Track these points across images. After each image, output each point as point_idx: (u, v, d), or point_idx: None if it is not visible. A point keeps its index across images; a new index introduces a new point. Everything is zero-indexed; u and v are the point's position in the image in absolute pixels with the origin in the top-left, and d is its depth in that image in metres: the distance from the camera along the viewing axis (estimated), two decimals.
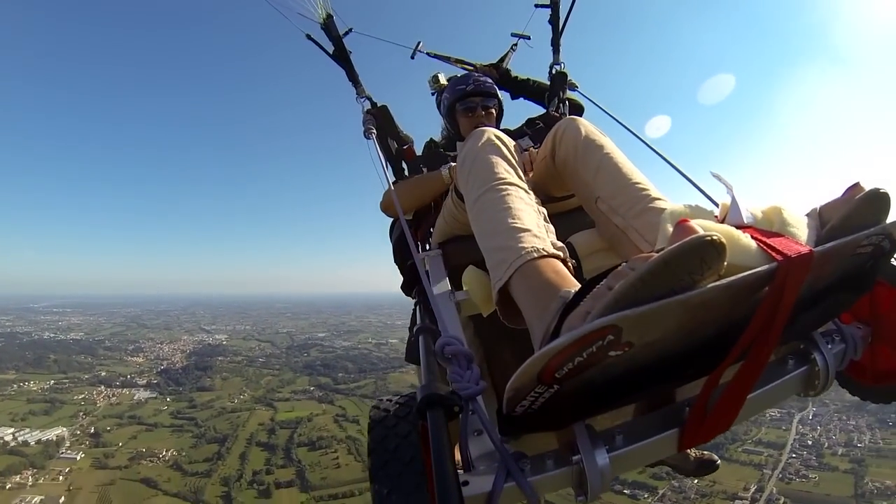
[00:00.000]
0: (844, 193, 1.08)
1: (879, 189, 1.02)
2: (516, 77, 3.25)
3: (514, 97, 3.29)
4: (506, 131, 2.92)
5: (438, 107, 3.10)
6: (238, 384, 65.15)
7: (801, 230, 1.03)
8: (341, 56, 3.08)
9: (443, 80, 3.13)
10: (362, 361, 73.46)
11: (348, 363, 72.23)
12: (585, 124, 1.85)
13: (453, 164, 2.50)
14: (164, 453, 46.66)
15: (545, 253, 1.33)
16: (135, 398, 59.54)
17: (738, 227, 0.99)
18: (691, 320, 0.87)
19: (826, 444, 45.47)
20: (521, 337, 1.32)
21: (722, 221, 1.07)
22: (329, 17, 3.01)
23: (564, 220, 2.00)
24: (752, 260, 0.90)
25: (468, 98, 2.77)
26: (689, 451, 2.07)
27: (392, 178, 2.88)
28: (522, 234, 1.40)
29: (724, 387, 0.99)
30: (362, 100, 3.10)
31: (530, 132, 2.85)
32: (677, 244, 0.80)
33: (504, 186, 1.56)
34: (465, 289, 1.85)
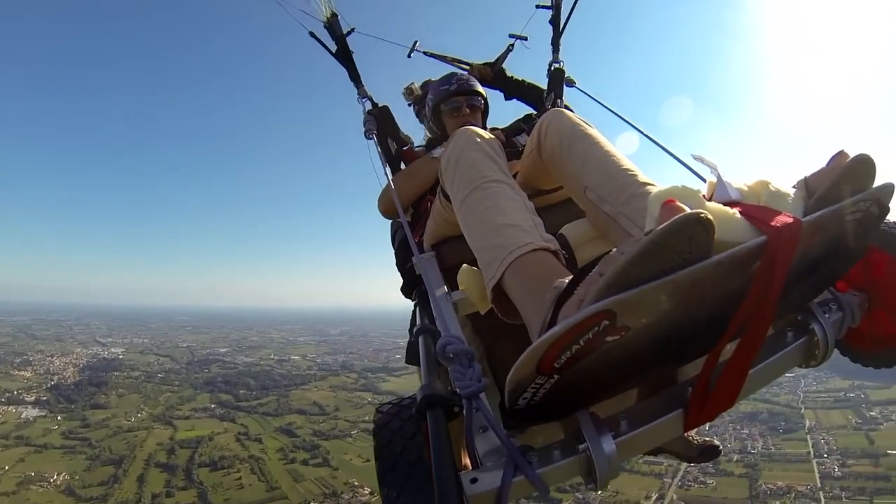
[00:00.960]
0: (830, 162, 1.08)
1: (864, 155, 1.03)
2: (511, 77, 3.25)
3: (507, 98, 3.30)
4: (499, 129, 2.93)
5: (417, 115, 3.13)
6: (135, 401, 59.64)
7: (789, 202, 1.03)
8: (344, 55, 3.06)
9: (417, 90, 3.14)
10: (264, 378, 70.04)
11: (250, 380, 68.50)
12: (570, 115, 1.84)
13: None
14: (55, 477, 41.48)
15: (535, 247, 1.34)
16: (22, 416, 52.55)
17: (725, 204, 0.99)
18: (685, 300, 0.86)
19: (722, 452, 49.20)
20: (520, 331, 1.32)
21: (709, 199, 1.06)
22: (333, 15, 2.98)
23: (554, 212, 2.01)
24: (741, 235, 0.90)
25: (452, 98, 2.78)
26: (692, 438, 2.11)
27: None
28: (511, 231, 1.40)
29: (724, 364, 0.99)
30: (364, 100, 3.09)
31: (526, 127, 2.86)
32: (665, 224, 0.79)
33: (489, 184, 1.56)
34: (460, 288, 1.83)
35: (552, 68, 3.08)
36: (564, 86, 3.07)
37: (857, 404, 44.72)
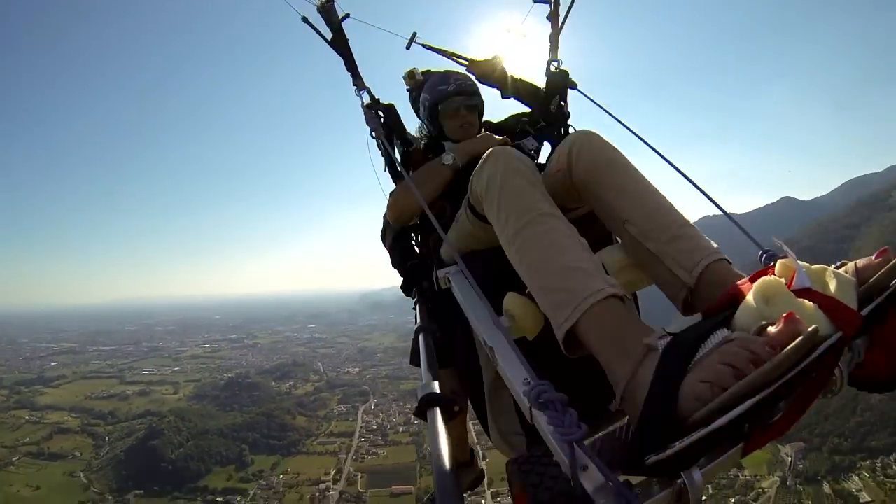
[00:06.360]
0: (877, 256, 1.31)
1: None
2: (510, 76, 3.14)
3: (504, 96, 3.20)
4: (501, 126, 2.91)
5: (413, 104, 2.99)
6: None
7: (847, 291, 1.22)
8: (340, 43, 2.87)
9: (419, 74, 3.01)
10: None
11: None
12: (602, 142, 1.90)
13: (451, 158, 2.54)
14: None
15: (606, 294, 1.41)
16: None
17: (799, 292, 1.19)
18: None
19: (389, 426, 61.79)
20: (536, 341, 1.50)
21: (788, 286, 1.23)
22: (328, 0, 2.76)
23: (577, 227, 2.05)
24: (823, 329, 1.07)
25: (450, 99, 2.70)
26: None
27: (392, 184, 2.82)
28: (579, 275, 1.46)
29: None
30: (361, 92, 2.93)
31: (532, 131, 2.84)
32: (796, 342, 0.96)
33: (544, 219, 1.60)
34: (507, 315, 1.80)
35: (552, 68, 2.99)
36: (567, 88, 2.98)
37: None
